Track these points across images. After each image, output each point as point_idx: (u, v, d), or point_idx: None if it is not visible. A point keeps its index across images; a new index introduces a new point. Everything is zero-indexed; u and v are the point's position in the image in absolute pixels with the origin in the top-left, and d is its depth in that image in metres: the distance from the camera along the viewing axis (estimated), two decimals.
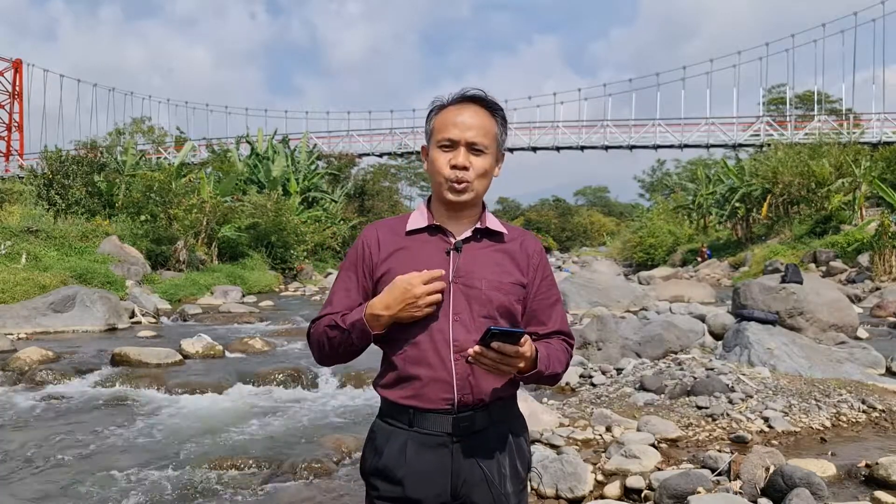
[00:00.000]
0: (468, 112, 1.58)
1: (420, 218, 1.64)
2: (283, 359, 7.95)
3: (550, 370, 1.56)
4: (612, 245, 47.85)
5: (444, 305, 1.54)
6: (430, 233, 1.62)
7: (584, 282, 13.48)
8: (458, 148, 1.56)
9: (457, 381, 1.53)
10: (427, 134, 1.64)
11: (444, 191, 1.58)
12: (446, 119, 1.58)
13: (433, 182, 1.62)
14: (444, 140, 1.57)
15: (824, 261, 19.12)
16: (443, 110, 1.61)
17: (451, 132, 1.56)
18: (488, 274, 1.58)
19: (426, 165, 1.66)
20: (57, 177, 20.76)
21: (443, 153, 1.58)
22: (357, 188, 35.96)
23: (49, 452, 4.72)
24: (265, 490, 4.04)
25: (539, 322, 1.66)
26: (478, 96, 1.60)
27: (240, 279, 18.40)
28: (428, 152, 1.64)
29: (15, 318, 10.00)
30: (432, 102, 1.64)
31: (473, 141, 1.56)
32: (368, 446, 1.66)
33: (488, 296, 1.56)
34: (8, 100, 50.03)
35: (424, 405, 1.54)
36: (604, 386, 5.88)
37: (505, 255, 1.63)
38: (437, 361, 1.53)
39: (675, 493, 3.29)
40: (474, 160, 1.57)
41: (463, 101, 1.60)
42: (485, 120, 1.59)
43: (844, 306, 8.31)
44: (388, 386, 1.61)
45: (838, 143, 27.00)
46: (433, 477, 1.54)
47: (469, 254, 1.59)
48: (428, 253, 1.59)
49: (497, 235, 1.64)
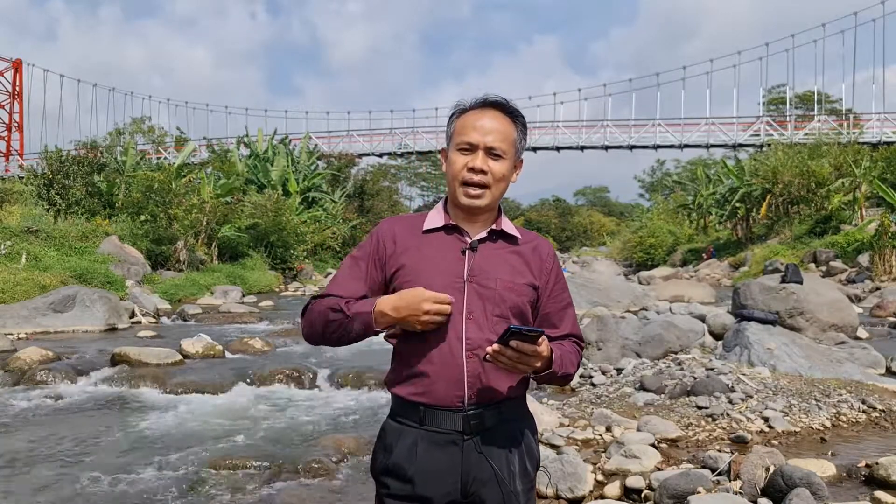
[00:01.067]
0: (488, 116, 1.60)
1: (437, 217, 1.66)
2: (283, 359, 7.95)
3: (563, 371, 1.59)
4: (612, 245, 47.88)
5: (458, 303, 1.56)
6: (446, 232, 1.64)
7: (584, 282, 13.49)
8: (476, 151, 1.59)
9: (468, 379, 1.55)
10: (448, 137, 1.67)
11: (459, 195, 1.60)
12: (466, 123, 1.60)
13: (449, 184, 1.64)
14: (464, 143, 1.59)
15: (824, 261, 19.12)
16: (464, 114, 1.63)
17: (471, 136, 1.59)
18: (502, 274, 1.60)
19: (444, 167, 1.68)
20: (57, 177, 20.75)
21: (462, 156, 1.60)
22: (357, 188, 35.95)
23: (49, 452, 4.72)
24: (265, 490, 4.04)
25: (551, 325, 1.68)
26: (499, 102, 1.62)
27: (240, 279, 18.40)
28: (447, 154, 1.67)
29: (15, 318, 10.00)
30: (454, 105, 1.66)
31: (492, 145, 1.58)
32: (378, 445, 1.66)
33: (502, 295, 1.58)
34: (8, 100, 50.03)
35: (435, 402, 1.56)
36: (604, 386, 5.88)
37: (518, 258, 1.65)
38: (449, 359, 1.55)
39: (675, 493, 3.29)
40: (492, 164, 1.59)
41: (484, 105, 1.62)
42: (505, 125, 1.61)
43: (844, 306, 8.31)
44: (399, 382, 1.62)
45: (838, 143, 26.99)
46: (443, 475, 1.55)
47: (484, 254, 1.61)
48: (444, 251, 1.61)
49: (511, 238, 1.67)
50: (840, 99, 43.05)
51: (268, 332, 10.55)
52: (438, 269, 1.58)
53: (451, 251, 1.61)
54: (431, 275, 1.57)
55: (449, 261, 1.59)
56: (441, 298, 1.51)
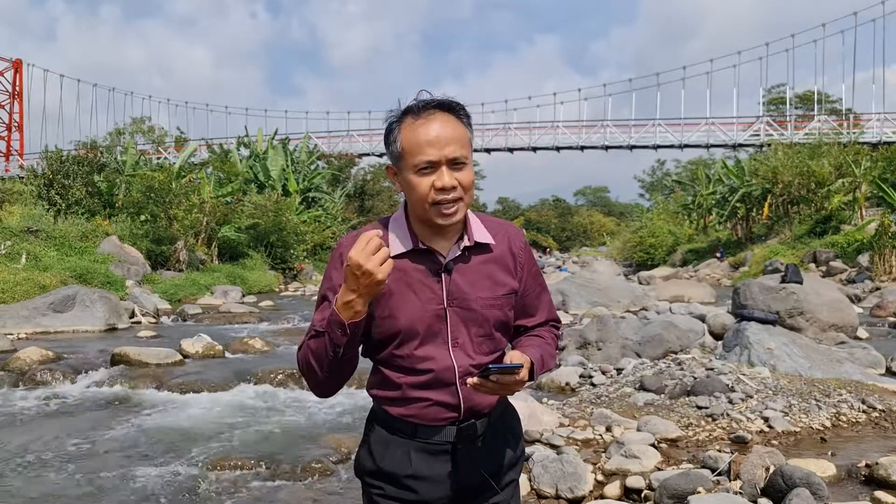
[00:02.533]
0: (437, 124, 1.43)
1: (402, 238, 1.51)
2: (283, 359, 7.94)
3: (544, 370, 1.58)
4: (612, 245, 47.85)
5: (443, 331, 1.51)
6: (417, 255, 1.51)
7: (584, 282, 13.49)
8: (439, 168, 1.42)
9: (463, 402, 1.53)
10: (394, 156, 1.47)
11: (431, 216, 1.46)
12: (417, 138, 1.42)
13: (414, 205, 1.48)
14: (423, 163, 1.42)
15: (824, 261, 19.12)
16: (405, 126, 1.45)
17: (429, 153, 1.41)
18: (482, 292, 1.53)
19: (398, 186, 1.51)
20: (57, 177, 20.76)
21: (423, 177, 1.43)
22: (357, 188, 35.96)
23: (49, 452, 4.72)
24: (265, 490, 4.04)
25: (528, 315, 1.66)
26: (442, 102, 1.46)
27: (240, 279, 18.41)
28: (397, 173, 1.50)
29: (15, 318, 10.00)
30: (387, 118, 1.48)
31: (454, 156, 1.43)
32: (365, 448, 1.62)
33: (484, 315, 1.53)
34: (8, 100, 50.02)
35: (428, 422, 1.54)
36: (604, 386, 5.88)
37: (496, 266, 1.56)
38: (441, 387, 1.52)
39: (675, 493, 3.29)
40: (458, 175, 1.44)
41: (427, 110, 1.44)
42: (457, 128, 1.45)
43: (844, 306, 8.30)
44: (389, 402, 1.57)
45: (838, 143, 27.00)
46: (438, 481, 1.55)
47: (460, 273, 1.52)
48: (418, 277, 1.51)
49: (484, 247, 1.55)
50: (840, 99, 43.03)
51: (268, 332, 10.56)
52: (417, 299, 1.49)
53: (426, 276, 1.50)
54: (411, 306, 1.49)
55: (425, 288, 1.49)
56: (372, 247, 1.31)
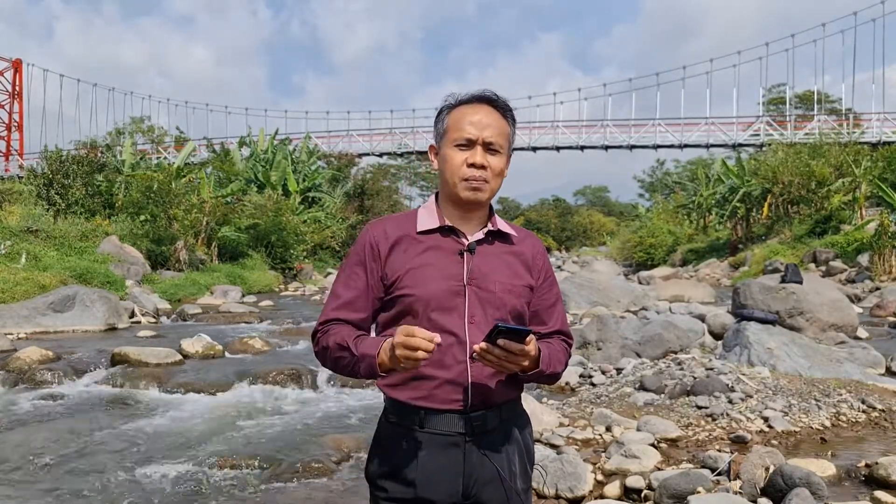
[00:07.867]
0: (482, 112, 1.58)
1: (430, 217, 1.62)
2: (283, 359, 7.94)
3: (551, 369, 1.58)
4: (612, 245, 47.84)
5: (460, 307, 1.54)
6: (442, 234, 1.61)
7: (584, 282, 13.48)
8: (474, 147, 1.56)
9: (472, 383, 1.53)
10: (439, 133, 1.63)
11: (459, 190, 1.57)
12: (461, 118, 1.58)
13: (445, 181, 1.60)
14: (461, 139, 1.57)
15: (824, 261, 19.11)
16: (455, 109, 1.60)
17: (469, 131, 1.56)
18: (501, 277, 1.59)
19: (436, 164, 1.65)
20: (57, 177, 20.75)
21: (459, 152, 1.57)
22: (357, 188, 35.95)
23: (49, 452, 4.72)
24: (265, 490, 4.04)
25: (540, 321, 1.68)
26: (491, 98, 1.60)
27: (240, 279, 18.40)
28: (438, 151, 1.64)
29: (15, 317, 10.00)
30: (444, 100, 1.63)
31: (490, 140, 1.56)
32: (375, 447, 1.63)
33: (502, 299, 1.57)
34: (8, 100, 50.01)
35: (436, 406, 1.54)
36: (604, 386, 5.88)
37: (515, 258, 1.64)
38: (452, 363, 1.53)
39: (675, 492, 3.29)
40: (490, 159, 1.57)
41: (477, 101, 1.60)
42: (499, 120, 1.59)
43: (844, 306, 8.31)
44: (397, 386, 1.58)
45: (838, 142, 26.98)
46: (446, 477, 1.54)
47: (482, 255, 1.59)
48: (442, 254, 1.58)
49: (506, 237, 1.65)
50: (840, 99, 43.03)
51: (268, 331, 10.55)
52: (438, 274, 1.56)
53: (450, 254, 1.58)
54: (432, 280, 1.55)
55: (448, 264, 1.57)
56: (428, 336, 1.38)
